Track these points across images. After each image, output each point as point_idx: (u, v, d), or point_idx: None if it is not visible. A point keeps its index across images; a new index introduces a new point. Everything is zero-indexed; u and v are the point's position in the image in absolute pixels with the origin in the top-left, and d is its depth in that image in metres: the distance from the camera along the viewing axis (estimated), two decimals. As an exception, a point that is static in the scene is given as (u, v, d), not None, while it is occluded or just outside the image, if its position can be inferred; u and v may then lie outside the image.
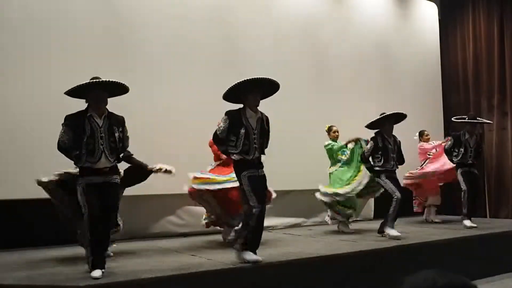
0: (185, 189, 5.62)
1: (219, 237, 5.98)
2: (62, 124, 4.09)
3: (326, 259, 4.72)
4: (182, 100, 6.60)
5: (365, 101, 8.27)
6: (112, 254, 4.87)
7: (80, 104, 4.18)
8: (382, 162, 5.99)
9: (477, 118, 7.37)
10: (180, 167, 5.35)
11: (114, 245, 5.48)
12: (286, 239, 6.19)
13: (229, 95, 4.56)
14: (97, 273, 3.83)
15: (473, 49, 9.55)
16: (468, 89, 9.62)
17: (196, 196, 5.62)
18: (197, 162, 5.99)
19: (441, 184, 7.95)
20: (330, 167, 6.81)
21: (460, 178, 6.96)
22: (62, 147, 4.10)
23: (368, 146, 6.10)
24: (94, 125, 4.04)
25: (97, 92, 4.08)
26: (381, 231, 6.00)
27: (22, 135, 5.66)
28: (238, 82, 4.38)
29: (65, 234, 5.25)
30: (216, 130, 4.52)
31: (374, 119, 6.12)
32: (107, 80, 4.04)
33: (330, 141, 6.79)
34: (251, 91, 4.46)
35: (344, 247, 5.24)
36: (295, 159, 7.15)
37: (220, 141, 4.54)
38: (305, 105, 7.64)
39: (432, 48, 9.83)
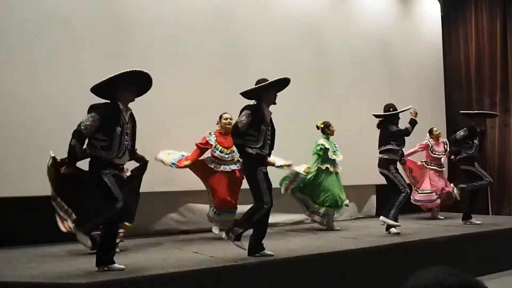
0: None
1: (220, 234, 5.98)
2: (91, 111, 3.96)
3: (327, 256, 4.72)
4: (183, 100, 6.58)
5: (368, 98, 8.25)
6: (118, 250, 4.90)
7: (85, 101, 4.17)
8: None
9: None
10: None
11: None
12: (288, 235, 6.19)
13: (251, 93, 4.61)
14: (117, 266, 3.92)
15: (475, 46, 9.53)
16: (470, 86, 9.60)
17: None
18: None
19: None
20: (321, 163, 6.66)
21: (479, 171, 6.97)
22: (82, 133, 3.89)
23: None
24: (123, 120, 4.02)
25: (129, 87, 4.06)
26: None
27: (25, 132, 5.66)
28: (266, 84, 4.51)
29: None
30: (237, 123, 4.47)
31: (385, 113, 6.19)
32: (139, 70, 4.05)
33: (321, 145, 6.62)
34: (274, 89, 4.61)
35: (345, 244, 5.24)
36: (297, 157, 7.12)
37: (240, 134, 4.47)
38: (307, 104, 7.62)
39: (434, 45, 9.80)
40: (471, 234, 6.10)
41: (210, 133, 5.92)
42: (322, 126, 6.76)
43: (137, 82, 4.13)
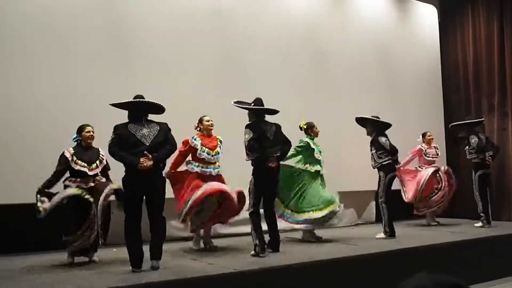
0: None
1: (220, 242, 5.98)
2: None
3: (327, 263, 4.71)
4: (180, 107, 6.54)
5: (367, 103, 8.26)
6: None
7: (82, 110, 4.18)
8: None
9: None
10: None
11: (114, 250, 5.48)
12: (287, 242, 6.16)
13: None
14: None
15: (473, 50, 9.55)
16: (468, 91, 9.62)
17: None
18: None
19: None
20: (304, 164, 6.28)
21: None
22: None
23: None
24: None
25: None
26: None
27: (25, 140, 5.65)
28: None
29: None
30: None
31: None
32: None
33: (306, 142, 6.27)
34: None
35: (345, 251, 5.24)
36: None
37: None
38: (306, 109, 7.60)
39: (432, 50, 9.83)
40: (471, 240, 6.09)
41: (193, 137, 5.70)
42: (305, 126, 6.40)
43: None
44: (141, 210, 4.34)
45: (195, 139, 5.65)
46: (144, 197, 4.38)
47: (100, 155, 4.97)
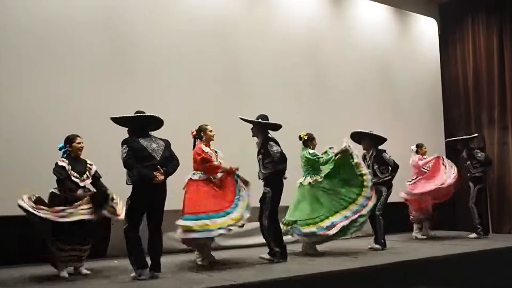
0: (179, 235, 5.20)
1: (220, 254, 5.97)
2: None
3: (327, 275, 4.70)
4: (181, 120, 6.56)
5: (367, 116, 8.30)
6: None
7: (75, 119, 4.19)
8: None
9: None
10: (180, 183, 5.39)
11: (115, 262, 5.48)
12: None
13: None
14: None
15: (473, 63, 9.61)
16: (468, 103, 9.66)
17: (193, 243, 5.40)
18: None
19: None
20: (305, 177, 6.26)
21: None
22: None
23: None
24: None
25: None
26: None
27: (23, 147, 5.67)
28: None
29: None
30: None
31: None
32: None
33: (315, 151, 6.27)
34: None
35: (345, 263, 5.23)
36: (296, 174, 7.14)
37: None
38: (305, 121, 7.63)
39: (432, 63, 9.90)
40: (470, 253, 6.07)
41: (203, 146, 5.59)
42: (306, 137, 6.29)
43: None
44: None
45: (205, 148, 5.57)
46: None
47: (88, 166, 4.92)
